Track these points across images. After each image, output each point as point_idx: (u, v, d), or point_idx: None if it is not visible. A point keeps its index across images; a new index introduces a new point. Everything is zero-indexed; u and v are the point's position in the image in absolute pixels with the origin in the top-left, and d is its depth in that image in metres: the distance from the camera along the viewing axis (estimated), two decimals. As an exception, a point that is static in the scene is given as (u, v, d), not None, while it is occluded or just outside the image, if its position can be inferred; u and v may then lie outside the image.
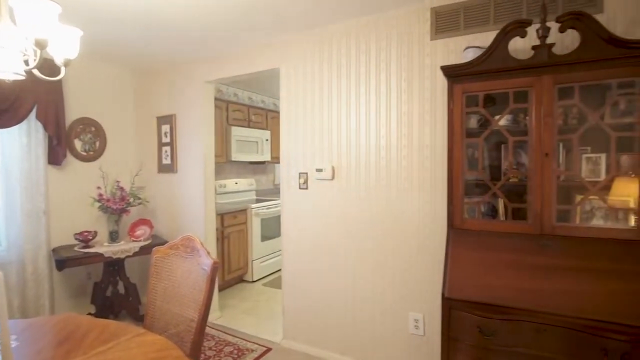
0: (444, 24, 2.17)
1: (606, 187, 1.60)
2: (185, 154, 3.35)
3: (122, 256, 2.97)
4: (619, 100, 1.59)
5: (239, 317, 3.37)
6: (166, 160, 3.48)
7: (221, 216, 3.91)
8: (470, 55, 1.85)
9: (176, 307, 1.66)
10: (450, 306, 1.65)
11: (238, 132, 4.42)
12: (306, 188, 2.65)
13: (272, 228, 4.54)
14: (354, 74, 2.45)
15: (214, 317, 3.27)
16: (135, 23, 2.45)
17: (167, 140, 3.46)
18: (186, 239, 1.70)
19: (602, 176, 1.63)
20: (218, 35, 2.68)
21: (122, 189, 3.20)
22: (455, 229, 1.81)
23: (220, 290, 3.84)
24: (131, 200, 3.20)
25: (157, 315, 1.72)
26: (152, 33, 2.62)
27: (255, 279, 4.36)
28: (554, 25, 1.64)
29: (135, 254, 3.03)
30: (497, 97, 1.84)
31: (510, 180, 1.79)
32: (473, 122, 1.90)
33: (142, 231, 3.24)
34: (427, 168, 2.22)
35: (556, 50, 1.70)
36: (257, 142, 4.77)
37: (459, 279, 1.67)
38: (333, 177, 2.55)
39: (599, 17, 1.77)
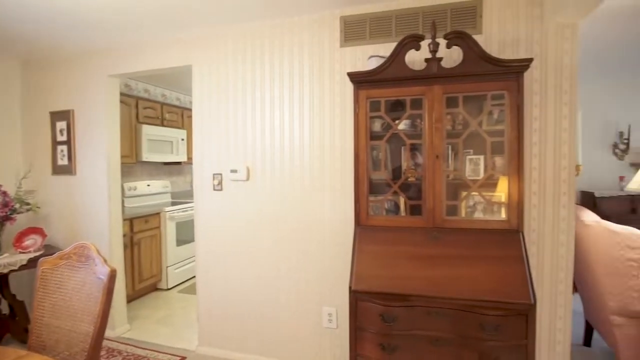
0: (352, 32, 2.29)
1: (484, 185, 1.84)
2: (85, 153, 3.04)
3: (5, 271, 2.59)
4: (493, 110, 1.85)
5: (151, 328, 3.16)
6: (62, 161, 3.12)
7: (130, 221, 3.63)
8: (373, 64, 1.99)
9: (68, 322, 1.51)
10: (357, 298, 1.76)
11: (150, 131, 4.15)
12: (221, 189, 2.60)
13: (188, 232, 4.34)
14: (268, 76, 2.47)
15: (121, 330, 3.02)
16: (23, 8, 2.16)
17: (64, 138, 3.10)
18: (79, 246, 1.56)
19: (481, 175, 1.87)
20: (122, 25, 2.49)
21: (4, 193, 2.80)
22: (362, 226, 1.93)
23: (129, 301, 3.56)
24: (17, 206, 2.81)
25: (44, 334, 1.54)
26: (44, 20, 2.34)
27: (170, 286, 4.13)
28: (443, 42, 1.85)
29: (23, 267, 2.67)
30: (401, 102, 2.00)
31: (409, 180, 1.96)
32: (377, 126, 2.04)
33: (32, 241, 2.87)
34: (338, 169, 2.33)
35: (445, 63, 1.92)
36: (171, 141, 4.53)
37: (364, 272, 1.78)
38: (248, 178, 2.53)
39: (479, 37, 2.05)
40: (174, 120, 4.67)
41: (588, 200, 4.21)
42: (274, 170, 2.48)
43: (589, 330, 2.74)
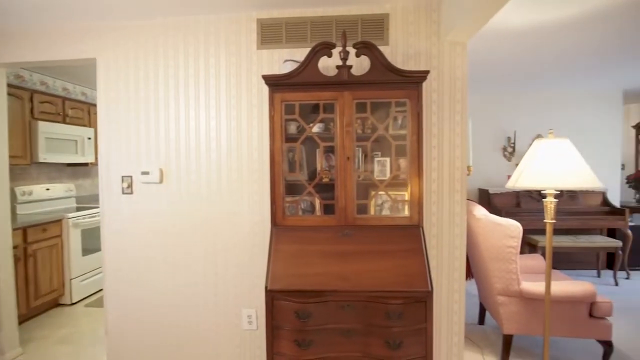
0: (268, 35, 2.32)
1: (390, 184, 2.00)
2: (-38, 154, 2.62)
3: None
4: (397, 116, 2.02)
5: (50, 349, 2.84)
6: None
7: (23, 230, 3.22)
8: (288, 68, 2.04)
9: None
10: (273, 297, 1.79)
11: (48, 129, 3.72)
12: (131, 192, 2.44)
13: (97, 240, 3.98)
14: (183, 74, 2.38)
15: (11, 356, 2.66)
16: None
17: None
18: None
19: (388, 175, 2.03)
20: (8, 6, 2.20)
21: None
22: (278, 226, 1.97)
23: (22, 321, 3.16)
24: None
25: None
26: None
27: (75, 301, 3.74)
28: (353, 50, 1.96)
29: None
30: (315, 106, 2.08)
31: (323, 180, 2.05)
32: (293, 128, 2.09)
33: None
34: (256, 170, 2.34)
35: (355, 71, 2.04)
36: (76, 140, 4.11)
37: (280, 271, 1.82)
38: (162, 181, 2.41)
39: (386, 48, 2.22)
40: (79, 117, 4.24)
41: (484, 196, 4.78)
42: (189, 172, 2.40)
43: (482, 311, 3.12)
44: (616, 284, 4.14)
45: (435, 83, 2.19)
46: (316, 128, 2.05)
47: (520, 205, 4.54)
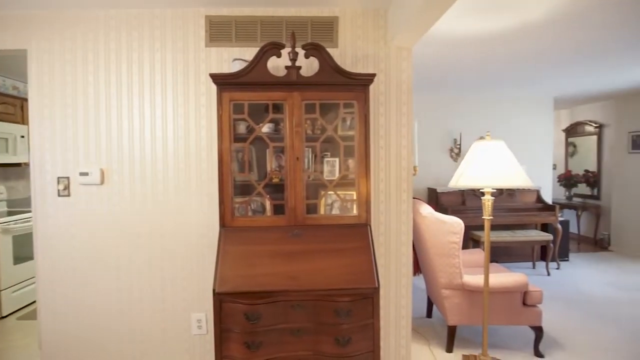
0: (218, 33, 2.28)
1: (339, 184, 2.04)
2: None
3: None
4: (346, 117, 2.06)
5: (-27, 367, 2.59)
6: None
7: (-59, 238, 2.90)
8: (237, 67, 2.01)
9: None
10: (221, 300, 1.76)
11: (-29, 126, 3.37)
12: (68, 195, 2.28)
13: (30, 247, 3.67)
14: (126, 70, 2.27)
15: None
16: None
17: None
18: None
19: (337, 175, 2.07)
20: None
21: None
22: (227, 227, 1.94)
23: (-59, 338, 2.84)
24: None
25: None
26: None
27: (6, 314, 3.43)
28: (303, 51, 1.98)
29: None
30: (265, 106, 2.07)
31: (273, 181, 2.04)
32: (242, 128, 2.07)
33: None
34: (205, 170, 2.28)
35: (305, 72, 2.05)
36: (6, 139, 3.77)
37: (228, 273, 1.80)
38: (103, 182, 2.28)
39: (335, 51, 2.26)
40: (10, 113, 3.90)
41: (432, 195, 5.01)
42: (134, 173, 2.29)
43: (430, 305, 3.27)
44: (548, 274, 4.52)
45: (382, 86, 2.27)
46: (266, 128, 2.04)
47: (465, 203, 4.82)
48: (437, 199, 4.87)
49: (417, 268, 3.61)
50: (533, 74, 4.15)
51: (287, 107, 1.93)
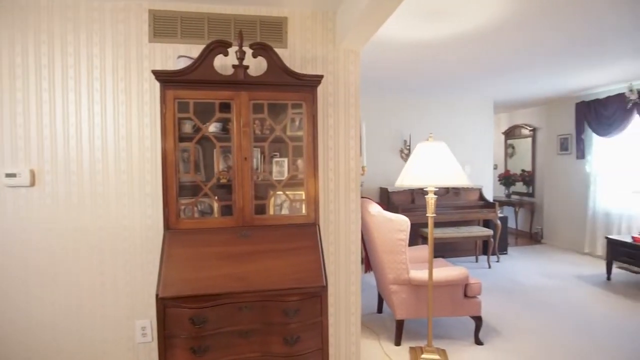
0: (162, 28, 2.19)
1: (289, 185, 2.05)
2: None
3: None
4: (295, 118, 2.08)
5: None
6: None
7: None
8: (182, 64, 1.95)
9: None
10: (165, 305, 1.70)
11: None
12: (-9, 198, 2.09)
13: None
14: (60, 63, 2.12)
15: None
16: None
17: None
18: None
19: (286, 176, 2.07)
20: None
21: None
22: (172, 230, 1.87)
23: None
24: None
25: None
26: None
27: None
28: (250, 51, 1.96)
29: None
30: (212, 105, 2.02)
31: (221, 181, 2.01)
32: (188, 127, 2.01)
33: None
34: (149, 170, 2.19)
35: (253, 71, 2.04)
36: None
37: (173, 276, 1.74)
38: (33, 184, 2.11)
39: (285, 51, 2.26)
40: None
41: (384, 194, 5.17)
42: (69, 174, 2.14)
43: (380, 301, 3.37)
44: (489, 267, 4.84)
45: (331, 87, 2.31)
46: (213, 128, 2.00)
47: (415, 201, 5.02)
48: (388, 198, 5.03)
49: (369, 265, 3.71)
50: (474, 80, 4.42)
51: (235, 106, 1.90)
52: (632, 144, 4.72)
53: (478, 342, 2.79)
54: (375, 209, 2.78)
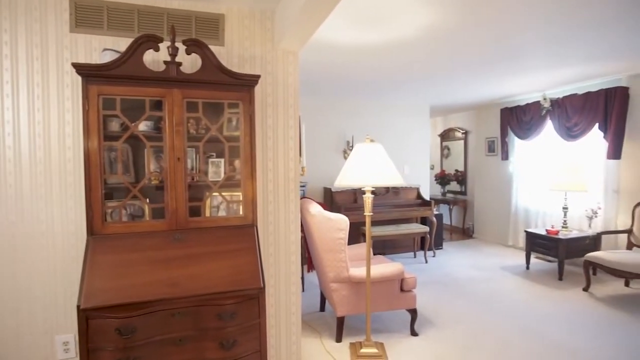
0: (85, 18, 2.03)
1: (225, 186, 2.00)
2: None
3: None
4: (231, 117, 2.04)
5: None
6: None
7: None
8: (107, 58, 1.83)
9: None
10: (88, 316, 1.58)
11: None
12: None
13: None
14: (-40, 51, 1.88)
15: None
16: None
17: None
18: None
19: (222, 176, 2.03)
20: None
21: None
22: (97, 235, 1.74)
23: None
24: None
25: None
26: None
27: None
28: (184, 47, 1.89)
29: None
30: (142, 103, 1.91)
31: (153, 182, 1.91)
32: (116, 126, 1.89)
33: None
34: (70, 172, 2.02)
35: (185, 68, 1.97)
36: None
37: (97, 285, 1.62)
38: None
39: (221, 49, 2.21)
40: None
41: (328, 194, 5.26)
42: (-27, 176, 1.91)
43: (323, 299, 3.42)
44: (426, 262, 5.12)
45: (270, 87, 2.30)
46: (144, 126, 1.90)
47: (357, 201, 5.17)
48: (332, 198, 5.12)
49: (312, 265, 3.75)
50: (411, 85, 4.66)
51: (167, 104, 1.82)
52: (546, 146, 5.27)
53: (414, 333, 2.95)
54: (315, 209, 2.82)
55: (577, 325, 3.11)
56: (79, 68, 1.69)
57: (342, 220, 2.67)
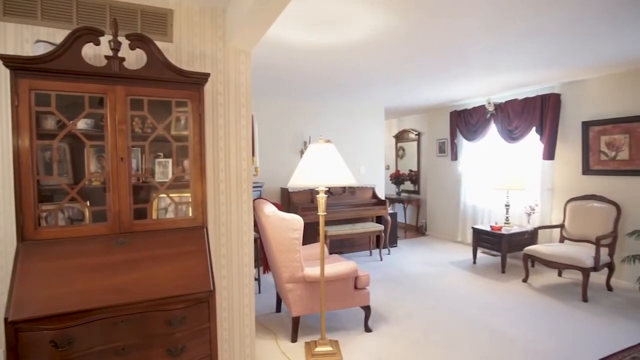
0: (15, 5, 1.88)
1: (174, 187, 1.94)
2: None
3: None
4: (180, 116, 1.98)
5: None
6: None
7: None
8: (41, 50, 1.71)
9: None
10: (17, 329, 1.46)
11: None
12: None
13: None
14: None
15: None
16: None
17: None
18: None
19: (170, 177, 1.96)
20: None
21: None
22: (29, 241, 1.62)
23: None
24: None
25: None
26: None
27: None
28: (127, 42, 1.80)
29: None
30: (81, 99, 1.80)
31: (94, 184, 1.81)
32: (51, 123, 1.76)
33: None
34: (-2, 173, 1.86)
35: (130, 64, 1.88)
36: None
37: (29, 295, 1.50)
38: None
39: (170, 46, 2.14)
40: None
41: (285, 194, 5.24)
42: None
43: (279, 300, 3.41)
44: (381, 259, 5.26)
45: (221, 86, 2.26)
46: (83, 124, 1.79)
47: (314, 201, 5.19)
48: (289, 198, 5.11)
49: (268, 266, 3.72)
50: (366, 87, 4.77)
51: (109, 101, 1.73)
52: (491, 148, 5.61)
53: (368, 329, 3.02)
54: (269, 209, 2.80)
55: (517, 314, 3.34)
56: (7, 60, 1.56)
57: (296, 221, 2.68)
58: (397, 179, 7.54)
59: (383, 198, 5.87)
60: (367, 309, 3.03)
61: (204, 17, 2.22)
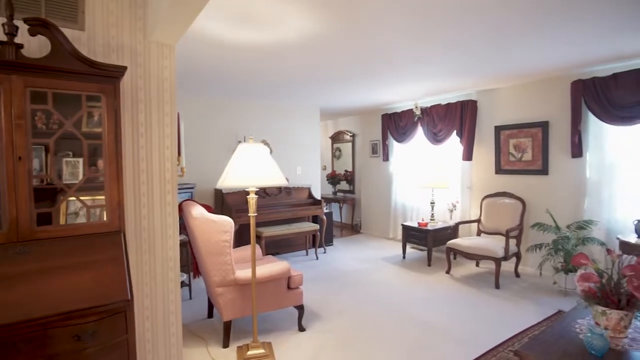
0: None
1: (86, 189, 1.78)
2: None
3: None
4: (93, 112, 1.81)
5: None
6: None
7: None
8: None
9: None
10: None
11: None
12: None
13: None
14: None
15: None
16: None
17: None
18: None
19: (80, 178, 1.79)
20: None
21: None
22: None
23: None
24: None
25: None
26: None
27: None
28: (26, 27, 1.61)
29: None
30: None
31: (-16, 187, 1.59)
32: None
33: None
34: None
35: (31, 53, 1.69)
36: None
37: None
38: None
39: (81, 34, 1.95)
40: None
41: (219, 196, 5.08)
42: None
43: (210, 305, 3.29)
44: (317, 258, 5.33)
45: (142, 81, 2.11)
46: (-31, 118, 1.56)
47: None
48: (223, 200, 4.96)
49: (198, 270, 3.57)
50: (300, 88, 4.80)
51: (3, 93, 1.53)
52: (418, 149, 5.98)
53: (301, 328, 3.04)
54: (197, 211, 2.69)
55: (439, 304, 3.59)
56: None
57: (226, 222, 2.60)
58: (333, 178, 7.70)
59: (319, 198, 5.96)
60: (300, 309, 3.04)
61: (121, 6, 2.06)
